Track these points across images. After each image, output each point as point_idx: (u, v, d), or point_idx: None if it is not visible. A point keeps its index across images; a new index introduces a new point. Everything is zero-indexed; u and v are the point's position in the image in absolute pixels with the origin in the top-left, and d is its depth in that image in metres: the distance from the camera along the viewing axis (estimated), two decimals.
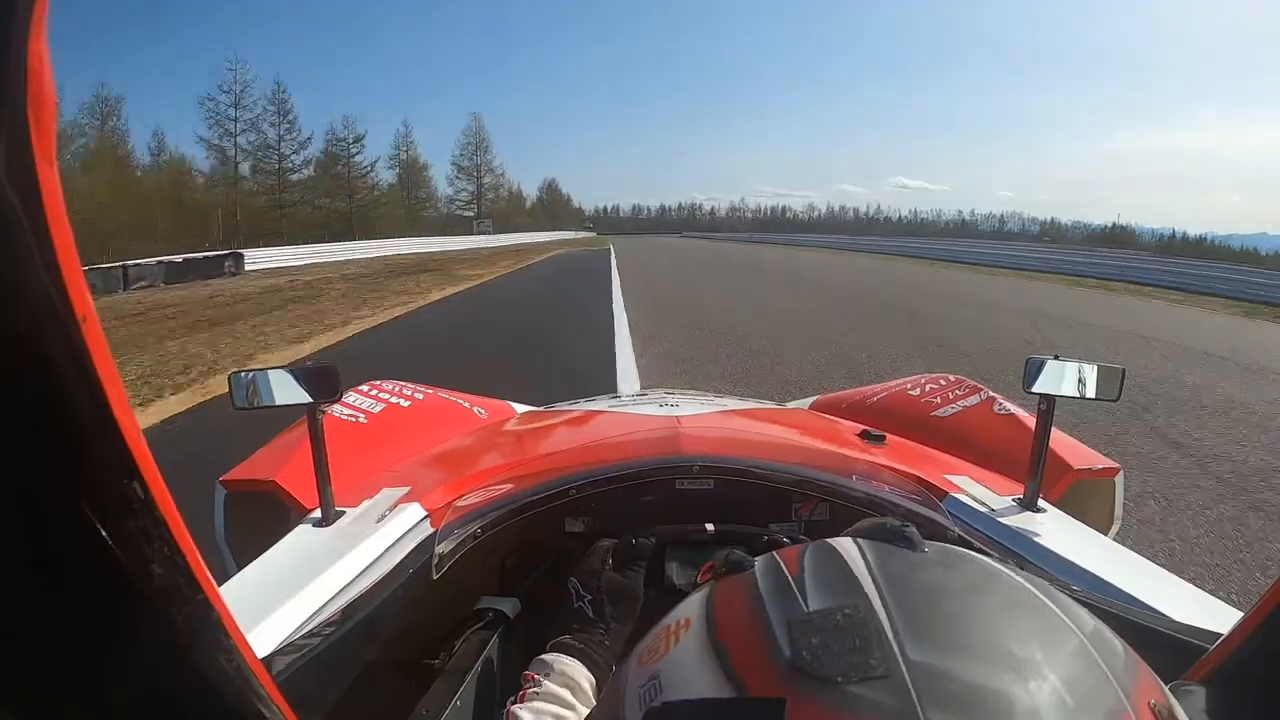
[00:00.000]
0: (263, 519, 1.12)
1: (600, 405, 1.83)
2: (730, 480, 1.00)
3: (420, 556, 0.86)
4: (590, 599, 0.76)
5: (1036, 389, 1.01)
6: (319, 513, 1.00)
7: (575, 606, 0.75)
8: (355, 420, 1.42)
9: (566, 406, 2.00)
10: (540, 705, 0.61)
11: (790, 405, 2.11)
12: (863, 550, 0.39)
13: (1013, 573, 0.38)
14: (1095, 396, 1.01)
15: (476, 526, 0.90)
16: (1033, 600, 0.36)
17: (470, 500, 1.00)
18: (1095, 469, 1.26)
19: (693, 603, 0.41)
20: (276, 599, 0.76)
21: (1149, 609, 0.75)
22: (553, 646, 0.69)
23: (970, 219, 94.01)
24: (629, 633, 0.74)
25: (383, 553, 0.90)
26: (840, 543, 0.40)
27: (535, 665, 0.66)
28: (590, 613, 0.74)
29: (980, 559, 0.39)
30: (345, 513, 1.01)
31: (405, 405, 1.57)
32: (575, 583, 0.77)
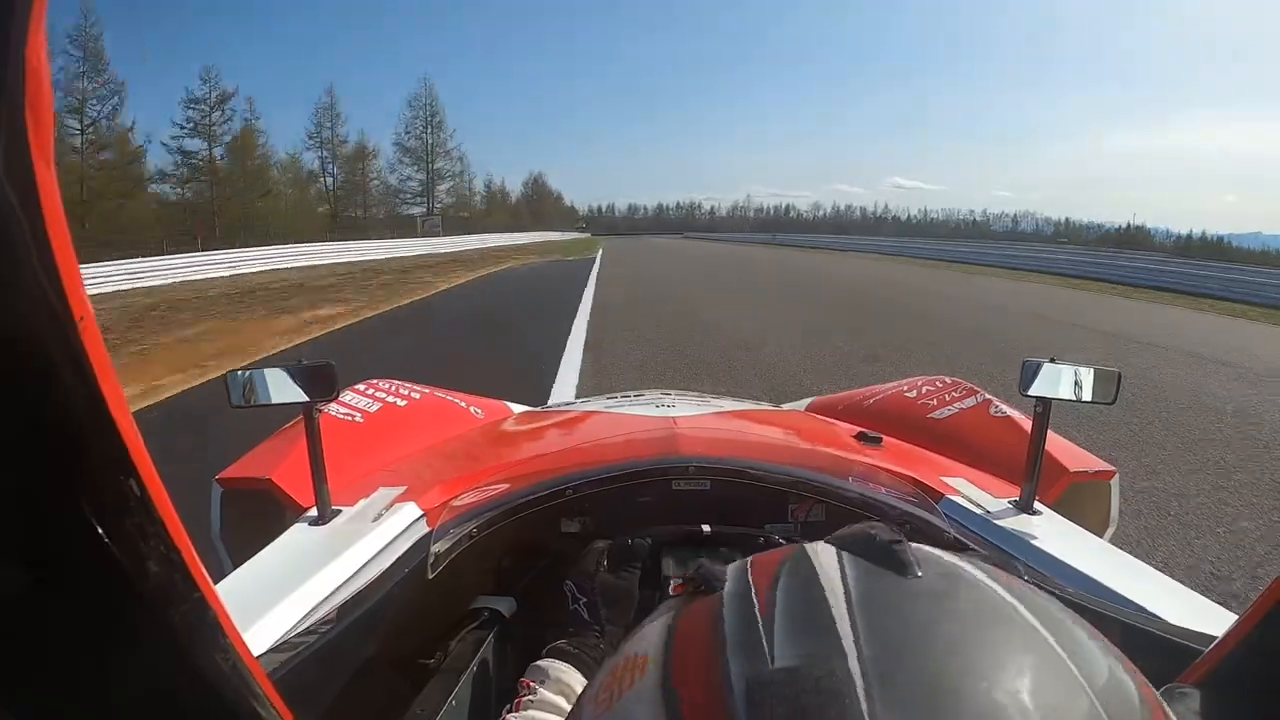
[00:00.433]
0: (259, 517, 1.11)
1: (597, 405, 1.83)
2: (726, 481, 1.00)
3: (416, 555, 0.86)
4: (585, 601, 0.76)
5: (1033, 392, 1.01)
6: (315, 511, 1.00)
7: (571, 609, 0.76)
8: (352, 419, 1.42)
9: (563, 406, 2.00)
10: (535, 714, 0.61)
11: (786, 407, 2.11)
12: (845, 575, 0.34)
13: (1018, 605, 0.33)
14: (1092, 399, 1.01)
15: (472, 526, 0.90)
16: (1042, 650, 0.31)
17: (466, 500, 1.00)
18: (1091, 472, 1.26)
19: (653, 635, 0.37)
20: (272, 597, 0.76)
21: (1144, 611, 0.75)
22: (548, 652, 0.69)
23: (982, 219, 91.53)
24: (624, 635, 0.73)
25: (379, 552, 0.90)
26: (822, 562, 0.36)
27: (531, 672, 0.66)
28: (586, 615, 0.74)
29: (982, 587, 0.34)
30: (341, 511, 1.01)
31: (402, 404, 1.57)
32: (571, 585, 0.77)
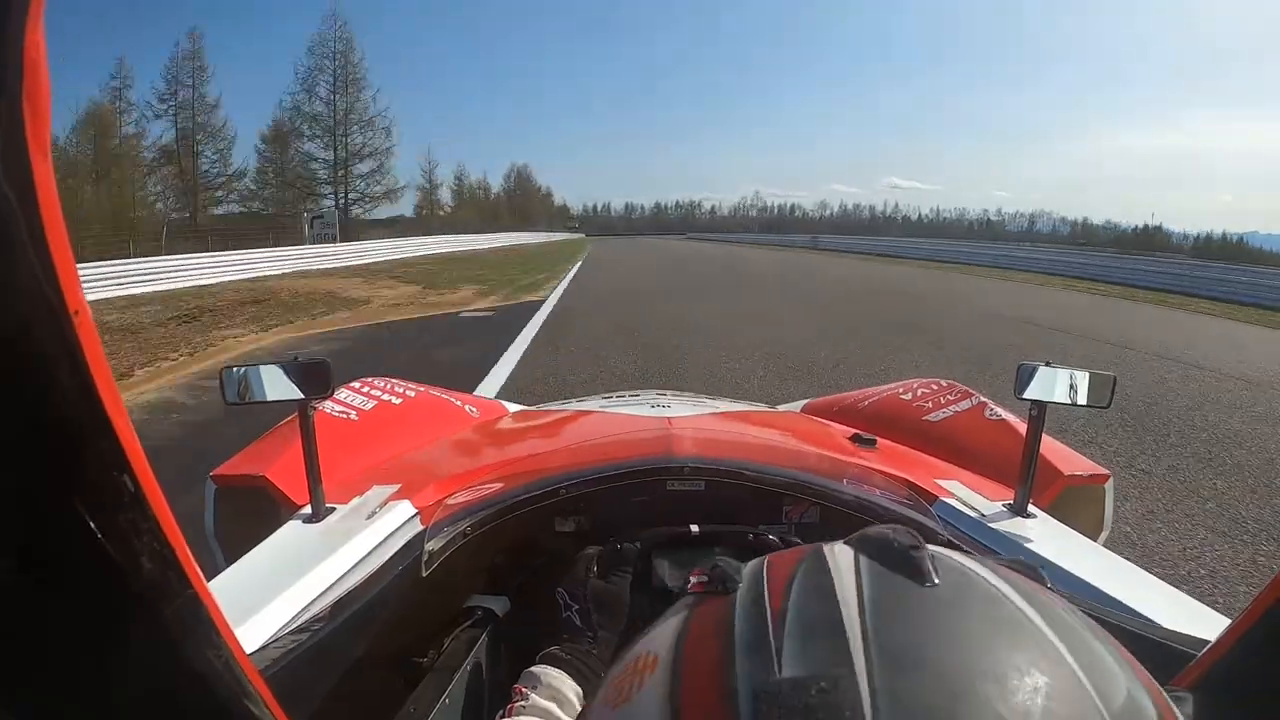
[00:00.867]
0: (253, 514, 1.11)
1: (592, 405, 1.83)
2: (721, 482, 1.00)
3: (410, 554, 0.86)
4: (577, 608, 0.76)
5: (1028, 395, 1.01)
6: (309, 509, 1.00)
7: (564, 616, 0.76)
8: (347, 417, 1.41)
9: (558, 406, 2.00)
10: None
11: (781, 408, 2.11)
12: (860, 581, 0.33)
13: (1036, 619, 0.31)
14: (1087, 403, 1.01)
15: (466, 525, 0.90)
16: (1057, 668, 0.29)
17: (460, 498, 1.00)
18: (1086, 475, 1.26)
19: (665, 634, 0.37)
20: (266, 595, 0.76)
21: (1138, 615, 0.75)
22: (541, 658, 0.69)
23: (996, 219, 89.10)
24: (617, 640, 0.74)
25: (372, 549, 0.90)
26: (839, 565, 0.35)
27: (524, 678, 0.66)
28: (578, 622, 0.75)
29: (999, 599, 0.32)
30: (335, 509, 1.01)
31: (397, 403, 1.57)
32: (563, 593, 0.78)
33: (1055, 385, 1.01)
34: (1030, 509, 1.04)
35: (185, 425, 4.50)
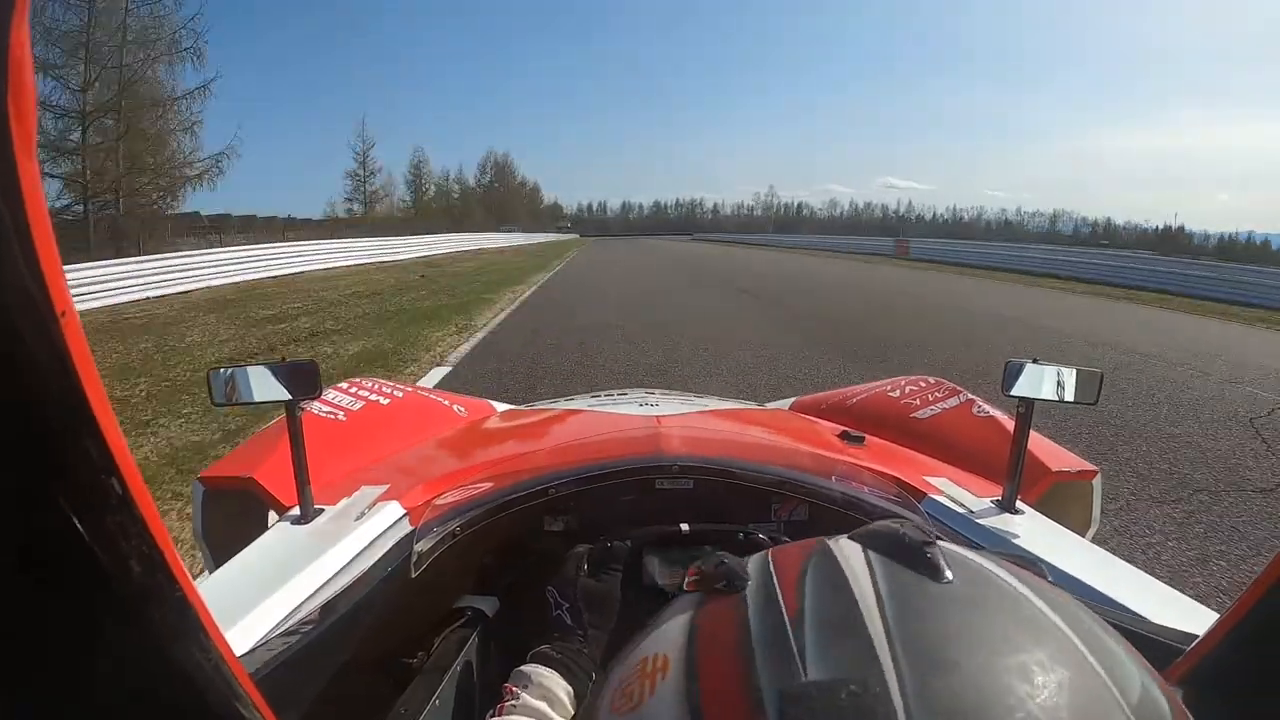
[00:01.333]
0: (241, 516, 1.10)
1: (580, 404, 1.83)
2: (710, 480, 1.01)
3: (399, 555, 0.85)
4: (568, 607, 0.76)
5: (1015, 392, 1.02)
6: (297, 510, 0.99)
7: (554, 615, 0.76)
8: (334, 418, 1.41)
9: (547, 405, 1.99)
10: (518, 719, 0.61)
11: (770, 406, 2.12)
12: (875, 578, 0.33)
13: (1052, 614, 0.31)
14: (1074, 400, 1.02)
15: (456, 525, 0.90)
16: (1079, 664, 0.29)
17: (449, 498, 0.99)
18: (1073, 471, 1.28)
19: (673, 634, 0.35)
20: (254, 597, 0.76)
21: (1126, 610, 0.76)
22: (532, 657, 0.69)
23: (1015, 219, 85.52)
24: (607, 639, 0.74)
25: (361, 551, 0.90)
26: (849, 562, 0.34)
27: (514, 677, 0.66)
28: (568, 620, 0.75)
29: (1016, 596, 0.32)
30: (324, 510, 1.00)
31: (384, 403, 1.56)
32: (553, 591, 0.78)
33: (1043, 382, 1.02)
34: (1018, 505, 1.05)
35: None
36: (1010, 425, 1.11)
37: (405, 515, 0.99)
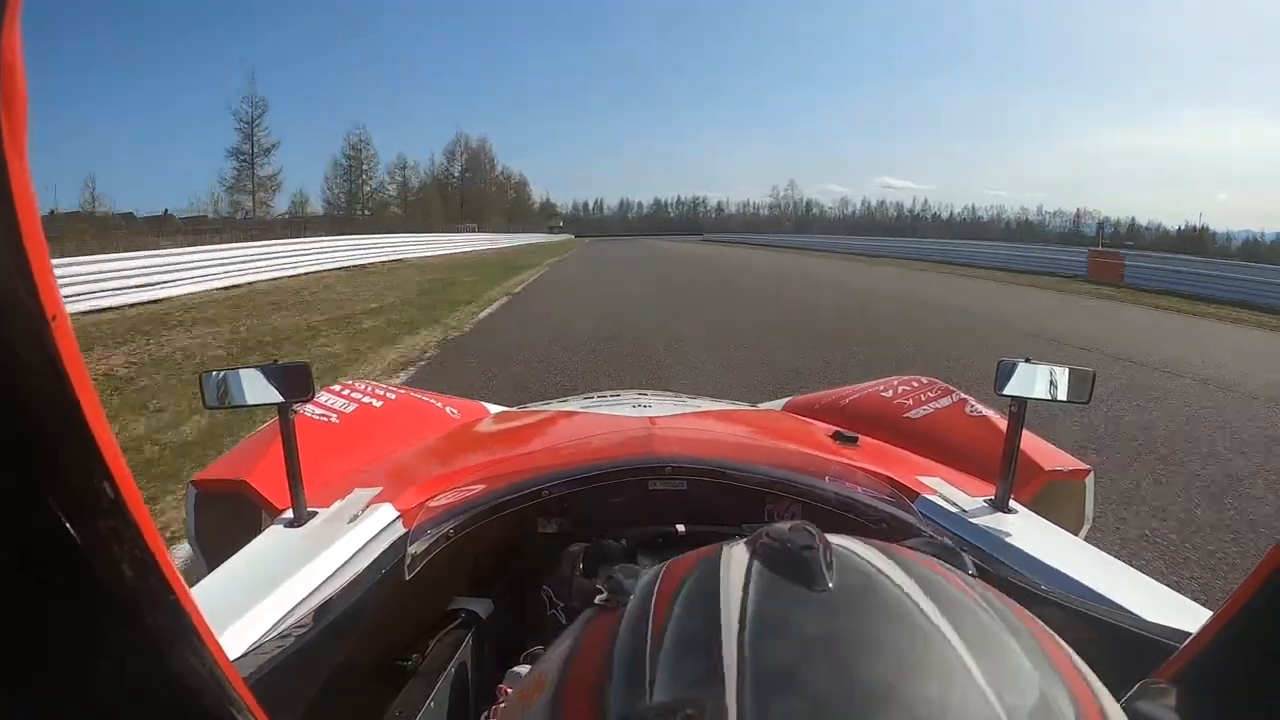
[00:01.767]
0: (234, 519, 1.10)
1: (573, 406, 1.83)
2: (703, 481, 1.01)
3: (393, 557, 0.85)
4: (563, 607, 0.76)
5: (1008, 391, 1.02)
6: (290, 513, 0.99)
7: (549, 614, 0.76)
8: (327, 420, 1.40)
9: (540, 407, 1.99)
10: None
11: (763, 406, 2.13)
12: (747, 588, 0.31)
13: (938, 621, 0.29)
14: (1067, 399, 1.02)
15: (449, 527, 0.90)
16: (951, 676, 0.27)
17: (443, 500, 0.99)
18: (1066, 470, 1.28)
19: (557, 654, 0.34)
20: (248, 600, 0.75)
21: (1119, 608, 0.76)
22: (526, 658, 0.69)
23: (1036, 218, 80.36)
24: None
25: (355, 553, 0.90)
26: (729, 573, 0.32)
27: (509, 679, 0.66)
28: (564, 620, 0.75)
29: (896, 603, 0.30)
30: (317, 513, 1.00)
31: (378, 405, 1.56)
32: (548, 591, 0.78)
33: (1035, 381, 1.02)
34: (1012, 504, 1.05)
35: None
36: (1003, 425, 1.11)
37: (399, 517, 0.99)
